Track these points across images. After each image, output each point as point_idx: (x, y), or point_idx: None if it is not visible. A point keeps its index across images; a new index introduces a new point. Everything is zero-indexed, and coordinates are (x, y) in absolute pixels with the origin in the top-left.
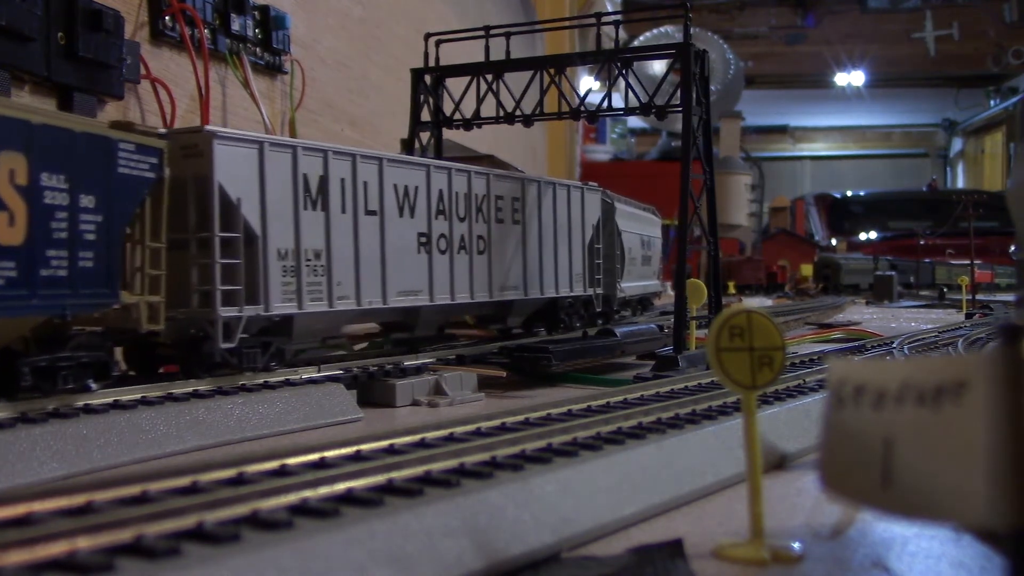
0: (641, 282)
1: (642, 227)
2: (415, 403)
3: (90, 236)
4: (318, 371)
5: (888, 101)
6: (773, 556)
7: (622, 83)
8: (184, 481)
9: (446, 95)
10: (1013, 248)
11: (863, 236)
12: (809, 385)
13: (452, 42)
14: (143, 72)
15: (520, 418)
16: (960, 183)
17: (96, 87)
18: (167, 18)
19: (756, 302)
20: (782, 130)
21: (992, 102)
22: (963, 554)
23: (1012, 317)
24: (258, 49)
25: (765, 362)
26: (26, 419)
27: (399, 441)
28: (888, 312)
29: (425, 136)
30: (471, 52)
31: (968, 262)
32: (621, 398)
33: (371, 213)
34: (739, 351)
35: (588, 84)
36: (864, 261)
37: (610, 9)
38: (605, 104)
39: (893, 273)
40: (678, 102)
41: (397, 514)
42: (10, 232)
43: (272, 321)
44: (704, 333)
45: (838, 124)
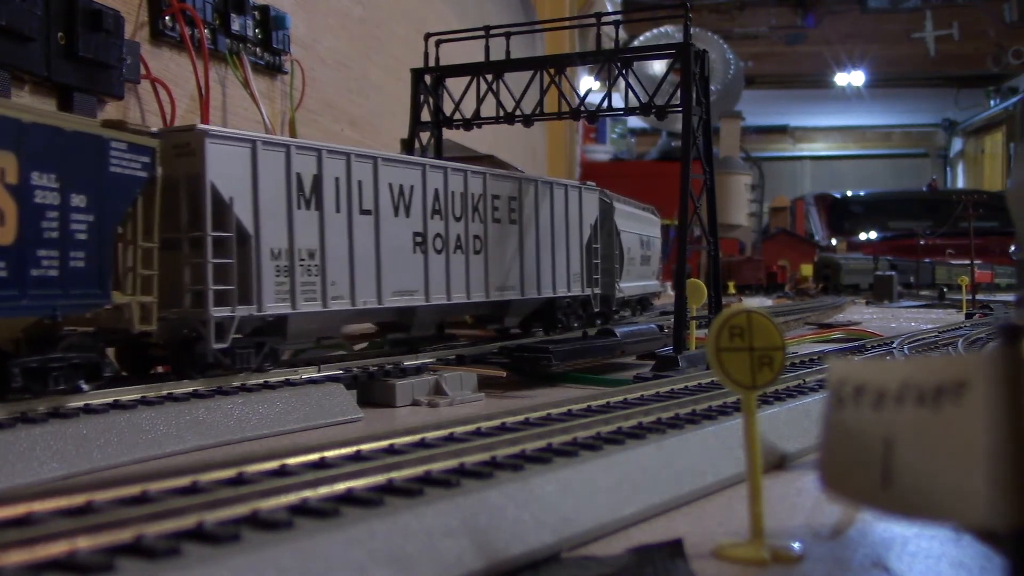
0: (640, 282)
1: (641, 227)
2: (415, 403)
3: (81, 236)
4: (318, 371)
5: (888, 101)
6: (773, 556)
7: (622, 83)
8: (184, 481)
9: (446, 95)
10: (1013, 248)
11: (863, 236)
12: (809, 385)
13: (452, 42)
14: (143, 72)
15: (520, 418)
16: (960, 183)
17: (96, 87)
18: (167, 18)
19: (756, 302)
20: (782, 130)
21: (992, 102)
22: (963, 554)
23: (1012, 317)
24: (258, 49)
25: (765, 362)
26: (26, 419)
27: (399, 441)
28: (888, 312)
29: (425, 136)
30: (471, 52)
31: (968, 262)
32: (621, 398)
33: (366, 212)
34: (739, 351)
35: (588, 84)
36: (864, 261)
37: (610, 9)
38: (605, 104)
39: (893, 273)
40: (678, 102)
41: (397, 514)
42: (0, 232)
43: (265, 321)
44: (704, 333)
45: (838, 124)
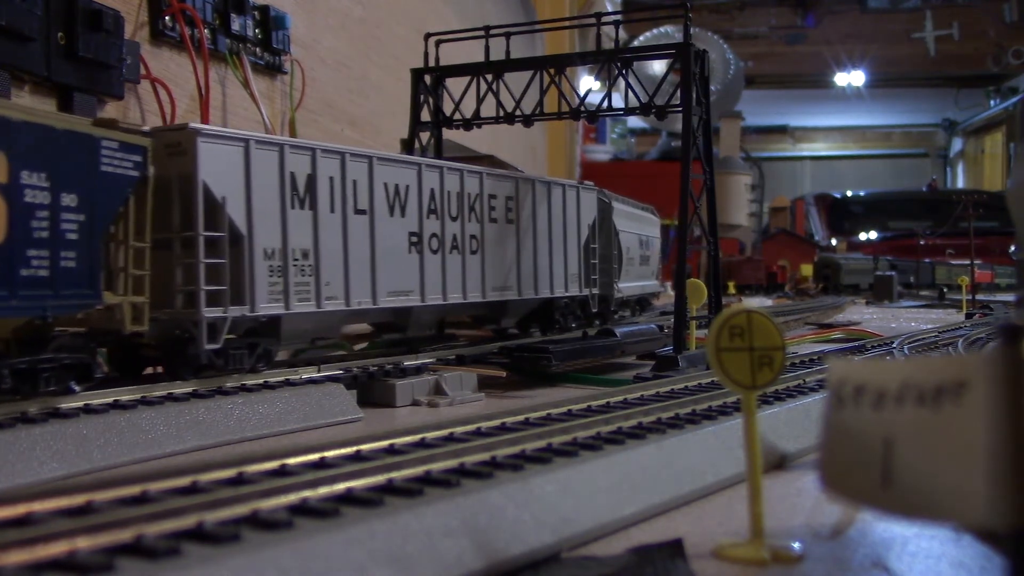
0: (639, 282)
1: (640, 227)
2: (415, 403)
3: (72, 235)
4: (318, 371)
5: (888, 101)
6: (773, 556)
7: (622, 83)
8: (184, 481)
9: (446, 95)
10: (1013, 248)
11: (863, 236)
12: (809, 385)
13: (452, 42)
14: (143, 72)
15: (520, 418)
16: (960, 183)
17: (96, 87)
18: (167, 18)
19: (756, 302)
20: (782, 130)
21: (992, 102)
22: (963, 554)
23: (1012, 317)
24: (258, 49)
25: (765, 362)
26: (26, 419)
27: (399, 441)
28: (888, 312)
29: (425, 136)
30: (471, 52)
31: (968, 262)
32: (621, 398)
33: (360, 212)
34: (739, 351)
35: (588, 84)
36: (864, 261)
37: (610, 9)
38: (605, 104)
39: (893, 273)
40: (678, 102)
41: (397, 514)
42: None
43: (259, 322)
44: (704, 333)
45: (838, 124)
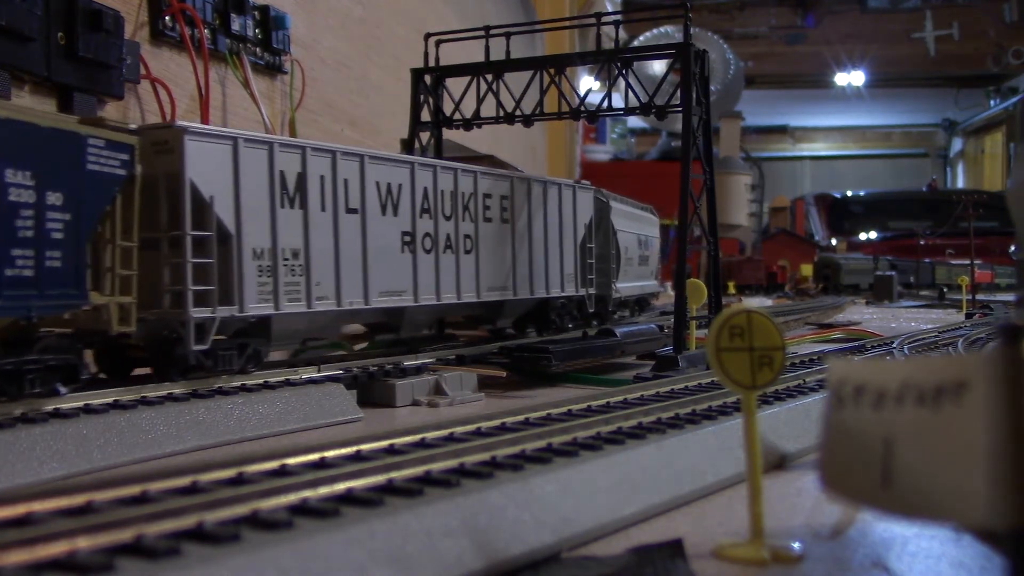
0: (638, 282)
1: (639, 226)
2: (415, 403)
3: (58, 235)
4: (318, 371)
5: (888, 101)
6: (773, 556)
7: (622, 83)
8: (184, 481)
9: (446, 95)
10: (1013, 248)
11: (863, 236)
12: (809, 385)
13: (452, 42)
14: (143, 72)
15: (520, 418)
16: (960, 183)
17: (96, 87)
18: (167, 18)
19: (756, 302)
20: (782, 130)
21: (992, 102)
22: (963, 554)
23: (1012, 317)
24: (258, 49)
25: (765, 362)
26: (26, 419)
27: (399, 441)
28: (888, 312)
29: (425, 136)
30: (471, 52)
31: (968, 262)
32: (621, 398)
33: (352, 211)
34: (739, 351)
35: (588, 84)
36: (864, 261)
37: (610, 9)
38: (605, 104)
39: (893, 273)
40: (678, 102)
41: (397, 514)
42: None
43: (248, 322)
44: (704, 333)
45: (838, 124)
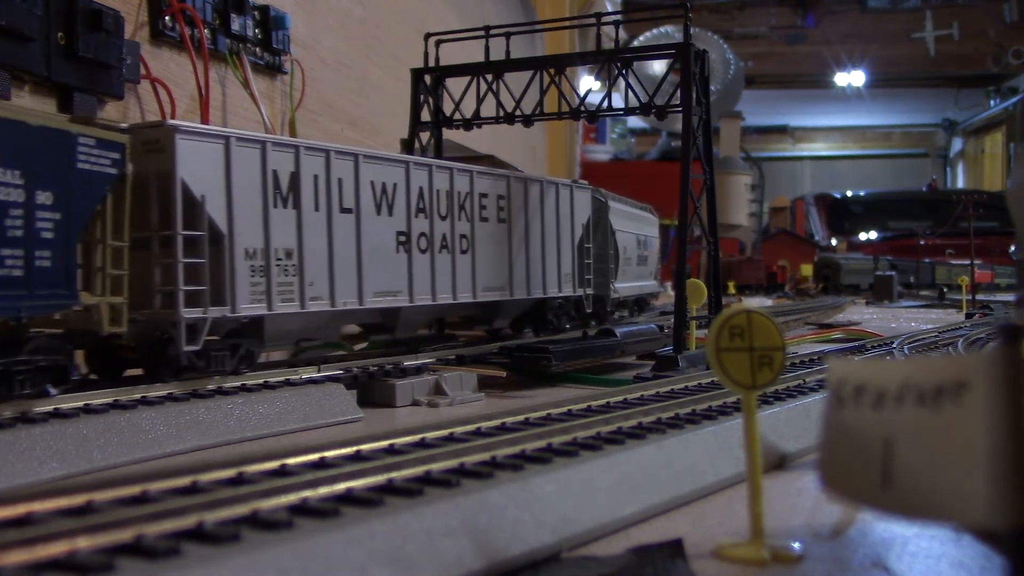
0: (637, 282)
1: (638, 226)
2: (415, 403)
3: (47, 234)
4: (318, 371)
5: (888, 101)
6: (773, 556)
7: (622, 83)
8: (184, 481)
9: (446, 95)
10: (1013, 248)
11: (863, 236)
12: (809, 385)
13: (452, 42)
14: (143, 72)
15: (520, 418)
16: (960, 183)
17: (96, 87)
18: (167, 18)
19: (756, 302)
20: (782, 130)
21: (992, 102)
22: (963, 554)
23: (1012, 317)
24: (258, 49)
25: (765, 362)
26: (26, 419)
27: (399, 441)
28: (888, 312)
29: (425, 136)
30: (471, 52)
31: (968, 262)
32: (621, 398)
33: (346, 211)
34: (739, 351)
35: (588, 84)
36: (864, 261)
37: (610, 9)
38: (605, 104)
39: (893, 273)
40: (678, 102)
41: (397, 514)
42: None
43: (240, 323)
44: (704, 333)
45: (838, 124)
